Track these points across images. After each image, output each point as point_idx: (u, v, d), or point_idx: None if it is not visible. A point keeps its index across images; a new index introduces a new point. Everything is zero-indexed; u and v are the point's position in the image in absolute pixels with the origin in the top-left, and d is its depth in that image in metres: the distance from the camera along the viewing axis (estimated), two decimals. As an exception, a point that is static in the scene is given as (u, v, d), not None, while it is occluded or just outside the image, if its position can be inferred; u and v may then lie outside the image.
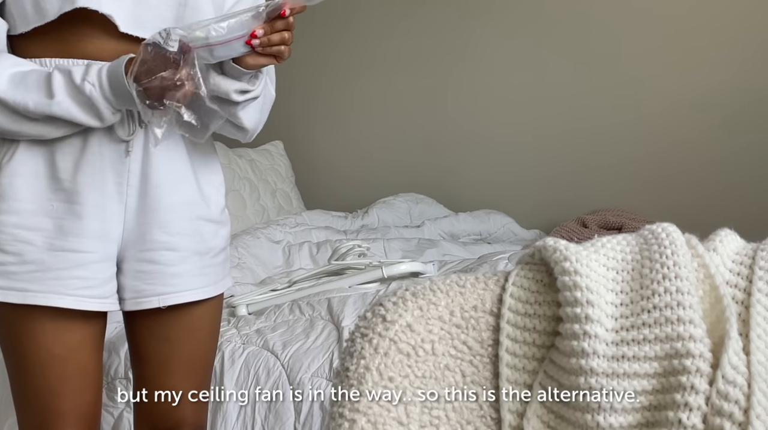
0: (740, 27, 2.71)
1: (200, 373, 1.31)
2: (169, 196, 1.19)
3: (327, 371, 1.57)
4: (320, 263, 2.36)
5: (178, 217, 1.20)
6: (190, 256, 1.22)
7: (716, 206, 2.74)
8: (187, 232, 1.21)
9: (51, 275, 1.13)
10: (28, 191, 1.13)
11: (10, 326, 1.16)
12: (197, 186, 1.23)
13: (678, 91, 2.82)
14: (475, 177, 3.17)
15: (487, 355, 0.82)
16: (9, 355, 1.18)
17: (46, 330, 1.14)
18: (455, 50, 3.14)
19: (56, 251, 1.13)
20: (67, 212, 1.13)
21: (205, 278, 1.25)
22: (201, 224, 1.23)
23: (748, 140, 2.73)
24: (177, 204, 1.20)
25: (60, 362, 1.16)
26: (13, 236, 1.12)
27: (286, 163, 3.34)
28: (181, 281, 1.22)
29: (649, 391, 0.73)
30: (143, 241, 1.19)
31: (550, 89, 3.00)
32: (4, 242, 1.12)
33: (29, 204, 1.13)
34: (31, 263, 1.13)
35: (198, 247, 1.23)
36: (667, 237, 0.81)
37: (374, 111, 3.32)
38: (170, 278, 1.21)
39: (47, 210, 1.13)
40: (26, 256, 1.12)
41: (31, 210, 1.13)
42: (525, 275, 0.84)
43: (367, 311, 0.82)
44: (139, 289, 1.20)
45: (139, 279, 1.20)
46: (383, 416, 0.74)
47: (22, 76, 1.07)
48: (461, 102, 3.16)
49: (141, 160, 1.16)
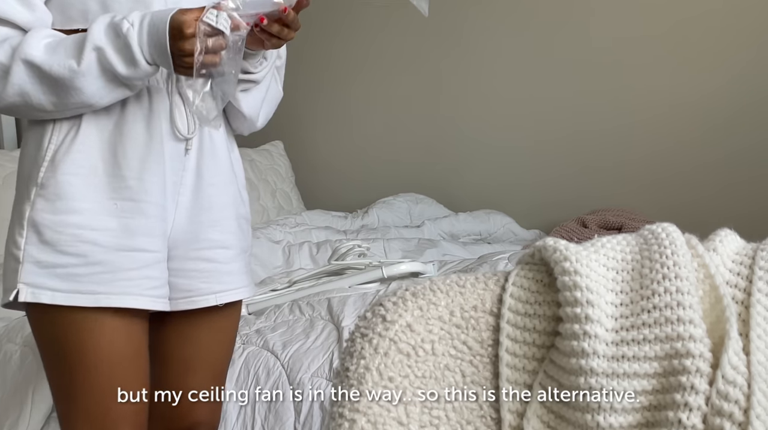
0: (739, 30, 2.71)
1: (220, 374, 1.31)
2: (220, 195, 1.21)
3: (327, 371, 1.57)
4: (320, 263, 2.35)
5: (228, 215, 1.22)
6: (238, 254, 1.25)
7: (716, 206, 2.74)
8: (235, 230, 1.24)
9: (122, 276, 1.10)
10: (88, 190, 1.09)
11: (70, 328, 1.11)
12: (237, 185, 1.26)
13: (678, 93, 2.82)
14: (475, 177, 3.17)
15: (487, 355, 0.82)
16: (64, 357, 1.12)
17: (115, 329, 1.11)
18: (456, 50, 3.14)
19: (125, 251, 1.10)
20: (133, 211, 1.11)
21: (248, 276, 1.29)
22: (242, 222, 1.27)
23: (747, 141, 2.73)
24: (226, 203, 1.22)
25: (126, 361, 1.13)
26: (75, 236, 1.08)
27: (286, 163, 3.34)
28: (234, 278, 1.24)
29: (649, 391, 0.73)
30: (197, 239, 1.19)
31: (550, 90, 3.00)
32: (66, 243, 1.08)
33: (90, 203, 1.09)
34: (97, 265, 1.09)
35: (243, 245, 1.26)
36: (667, 237, 0.81)
37: (374, 111, 3.32)
38: (225, 276, 1.23)
39: (110, 209, 1.10)
40: (91, 257, 1.09)
41: (93, 209, 1.09)
42: (525, 275, 0.84)
43: (367, 311, 0.82)
44: (194, 287, 1.20)
45: (193, 278, 1.20)
46: (383, 416, 0.74)
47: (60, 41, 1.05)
48: (461, 102, 3.16)
49: (196, 159, 1.17)
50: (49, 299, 1.08)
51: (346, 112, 3.36)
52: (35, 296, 1.08)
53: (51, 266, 1.08)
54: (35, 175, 1.10)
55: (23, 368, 1.75)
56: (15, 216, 1.13)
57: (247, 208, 1.30)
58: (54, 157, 1.09)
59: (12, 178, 2.26)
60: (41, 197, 1.09)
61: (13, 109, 1.08)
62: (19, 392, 1.74)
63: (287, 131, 3.36)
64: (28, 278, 1.08)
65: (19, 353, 1.78)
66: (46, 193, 1.08)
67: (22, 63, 1.03)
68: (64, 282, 1.08)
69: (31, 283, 1.08)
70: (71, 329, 1.10)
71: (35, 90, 1.04)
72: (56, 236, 1.08)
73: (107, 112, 1.10)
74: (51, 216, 1.08)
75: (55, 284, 1.08)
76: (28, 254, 1.08)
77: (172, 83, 1.14)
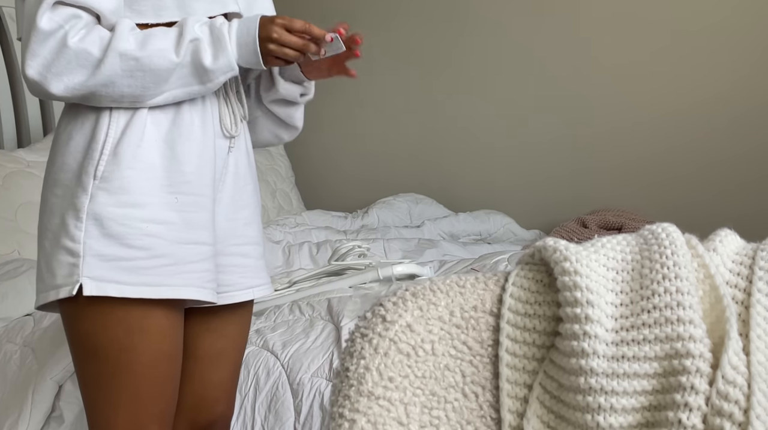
0: (742, 31, 2.71)
1: (239, 366, 1.35)
2: (251, 194, 1.26)
3: (327, 371, 1.57)
4: (320, 263, 2.35)
5: (255, 213, 1.28)
6: (263, 251, 1.31)
7: (716, 207, 2.74)
8: (260, 229, 1.30)
9: (185, 268, 1.11)
10: (149, 184, 1.09)
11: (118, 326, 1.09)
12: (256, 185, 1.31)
13: (678, 94, 2.82)
14: (475, 177, 3.17)
15: (487, 355, 0.82)
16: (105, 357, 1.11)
17: (161, 327, 1.11)
18: (456, 50, 3.14)
19: (186, 244, 1.12)
20: (193, 205, 1.13)
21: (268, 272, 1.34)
22: (260, 221, 1.32)
23: (747, 142, 2.73)
24: (256, 203, 1.28)
25: (167, 360, 1.14)
26: (140, 230, 1.08)
27: (286, 163, 3.34)
28: (264, 274, 1.30)
29: (649, 391, 0.73)
30: (235, 235, 1.22)
31: (550, 90, 3.00)
32: (131, 236, 1.07)
33: (153, 197, 1.09)
34: (162, 257, 1.09)
35: (263, 242, 1.32)
36: (667, 237, 0.81)
37: (374, 111, 3.32)
38: (260, 271, 1.28)
39: (171, 203, 1.11)
40: (156, 250, 1.09)
41: (157, 203, 1.10)
42: (525, 275, 0.84)
43: (367, 311, 0.82)
44: (233, 282, 1.23)
45: (232, 273, 1.22)
46: (383, 416, 0.74)
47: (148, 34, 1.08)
48: (462, 102, 3.16)
49: (236, 158, 1.22)
50: (117, 291, 1.07)
51: (346, 112, 3.36)
52: (101, 289, 1.06)
53: (116, 259, 1.07)
54: (91, 168, 1.08)
55: (23, 368, 1.75)
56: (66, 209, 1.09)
57: None
58: (116, 150, 1.08)
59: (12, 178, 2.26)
60: (103, 191, 1.07)
61: (88, 96, 1.07)
62: (19, 392, 1.73)
63: (287, 131, 3.35)
64: (91, 272, 1.06)
65: (19, 353, 1.78)
66: (108, 187, 1.07)
67: (118, 55, 1.04)
68: (131, 275, 1.07)
69: (96, 276, 1.06)
70: (121, 327, 1.09)
71: (124, 82, 1.06)
72: (122, 229, 1.07)
73: (162, 109, 1.12)
74: (117, 209, 1.07)
75: (122, 277, 1.07)
76: (89, 247, 1.06)
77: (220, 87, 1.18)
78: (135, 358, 1.10)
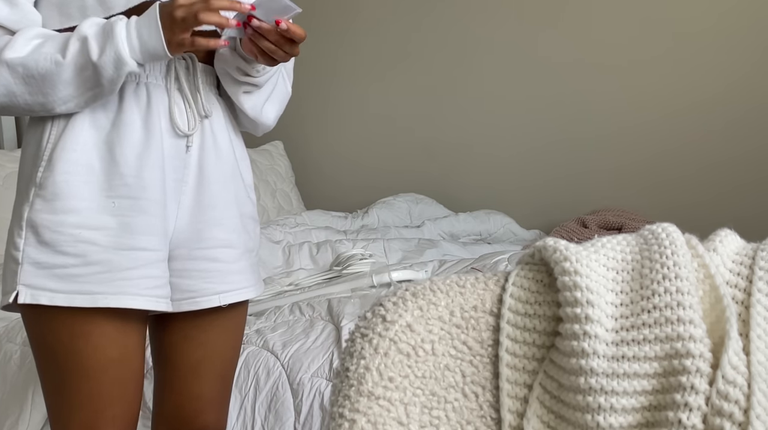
0: (742, 32, 2.71)
1: (227, 378, 1.28)
2: (224, 193, 1.18)
3: (327, 371, 1.57)
4: (320, 264, 2.36)
5: (232, 214, 1.20)
6: (243, 253, 1.22)
7: (716, 207, 2.74)
8: (239, 229, 1.21)
9: (120, 276, 1.08)
10: (86, 188, 1.07)
11: (62, 331, 1.09)
12: (243, 183, 1.23)
13: (678, 95, 2.82)
14: (475, 177, 3.17)
15: (487, 355, 0.82)
16: (55, 361, 1.11)
17: (105, 333, 1.09)
18: (456, 51, 3.14)
19: (124, 249, 1.09)
20: (132, 209, 1.09)
21: (254, 276, 1.26)
22: (247, 221, 1.24)
23: (748, 142, 2.73)
24: (230, 201, 1.20)
25: (116, 365, 1.11)
26: (73, 236, 1.06)
27: (286, 163, 3.34)
28: (239, 278, 1.21)
29: (649, 391, 0.73)
30: (199, 239, 1.17)
31: (551, 90, 3.00)
32: (64, 243, 1.06)
33: (88, 202, 1.07)
34: (96, 264, 1.07)
35: (248, 244, 1.24)
36: (667, 237, 0.81)
37: (375, 111, 3.32)
38: (230, 276, 1.20)
39: (108, 208, 1.08)
40: (90, 257, 1.07)
41: (91, 208, 1.07)
42: (525, 275, 0.84)
43: (367, 311, 0.82)
44: (197, 288, 1.17)
45: (196, 278, 1.17)
46: (383, 416, 0.74)
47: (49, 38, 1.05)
48: (462, 102, 3.16)
49: (198, 157, 1.15)
50: (48, 300, 1.06)
51: (346, 112, 3.36)
52: (34, 297, 1.06)
53: (50, 266, 1.06)
54: (34, 176, 1.09)
55: (23, 368, 1.75)
56: (14, 218, 1.11)
57: (254, 208, 1.28)
58: (51, 157, 1.08)
59: (12, 178, 2.27)
60: (39, 197, 1.07)
61: (3, 109, 1.07)
62: (19, 392, 1.74)
63: (287, 131, 3.36)
64: (27, 280, 1.06)
65: (19, 353, 1.78)
66: (44, 193, 1.07)
67: (6, 65, 1.02)
68: (63, 283, 1.07)
69: (31, 284, 1.06)
70: (65, 331, 1.09)
71: (21, 90, 1.04)
72: (55, 236, 1.06)
73: (105, 110, 1.09)
74: (49, 216, 1.06)
75: (54, 284, 1.06)
76: (27, 255, 1.07)
77: (171, 80, 1.13)
78: (81, 362, 1.10)
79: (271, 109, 1.25)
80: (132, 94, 1.10)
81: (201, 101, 1.15)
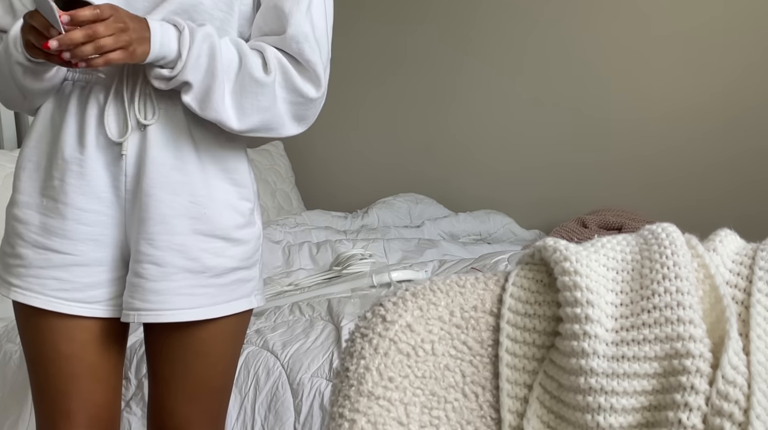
0: (742, 32, 2.71)
1: (205, 399, 1.20)
2: (160, 207, 1.09)
3: (327, 371, 1.57)
4: (320, 264, 2.36)
5: (168, 230, 1.09)
6: (177, 272, 1.10)
7: (716, 207, 2.74)
8: (176, 247, 1.10)
9: (32, 273, 1.11)
10: (28, 184, 1.13)
11: (23, 323, 1.16)
12: (205, 198, 1.11)
13: (679, 94, 2.82)
14: (475, 177, 3.17)
15: (487, 355, 0.82)
16: (24, 352, 1.18)
17: (53, 327, 1.12)
18: (456, 51, 3.14)
19: (39, 248, 1.11)
20: (53, 211, 1.10)
21: (198, 299, 1.12)
22: (199, 241, 1.11)
23: (748, 142, 2.73)
24: (168, 216, 1.09)
25: (65, 360, 1.13)
26: (13, 228, 1.13)
27: (286, 163, 3.34)
28: (162, 298, 1.10)
29: (649, 391, 0.73)
30: (135, 251, 1.11)
31: (551, 90, 3.00)
32: (8, 234, 1.14)
33: (26, 196, 1.12)
34: (19, 258, 1.12)
35: (190, 265, 1.11)
36: (667, 237, 0.81)
37: (374, 111, 3.32)
38: (149, 295, 1.10)
39: (38, 205, 1.12)
40: (17, 249, 1.13)
41: (28, 203, 1.12)
42: (525, 275, 0.84)
43: (367, 311, 0.82)
44: (126, 301, 1.12)
45: (127, 291, 1.12)
46: (383, 416, 0.74)
47: None
48: (462, 102, 3.16)
49: (136, 166, 1.09)
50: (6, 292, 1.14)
51: (346, 112, 3.36)
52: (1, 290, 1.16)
53: (3, 255, 1.16)
54: None
55: (23, 368, 1.75)
56: None
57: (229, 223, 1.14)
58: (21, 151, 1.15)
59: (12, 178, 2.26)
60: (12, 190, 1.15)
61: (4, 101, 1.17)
62: (19, 392, 1.74)
63: (287, 131, 3.35)
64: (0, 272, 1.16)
65: (19, 353, 1.78)
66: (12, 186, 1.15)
67: None
68: (5, 272, 1.15)
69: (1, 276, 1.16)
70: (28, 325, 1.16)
71: None
72: (7, 227, 1.15)
73: (59, 108, 1.12)
74: (9, 208, 1.15)
75: (4, 275, 1.15)
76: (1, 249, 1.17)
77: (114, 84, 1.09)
78: (36, 355, 1.15)
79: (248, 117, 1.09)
80: (75, 97, 1.10)
81: (135, 109, 1.07)
